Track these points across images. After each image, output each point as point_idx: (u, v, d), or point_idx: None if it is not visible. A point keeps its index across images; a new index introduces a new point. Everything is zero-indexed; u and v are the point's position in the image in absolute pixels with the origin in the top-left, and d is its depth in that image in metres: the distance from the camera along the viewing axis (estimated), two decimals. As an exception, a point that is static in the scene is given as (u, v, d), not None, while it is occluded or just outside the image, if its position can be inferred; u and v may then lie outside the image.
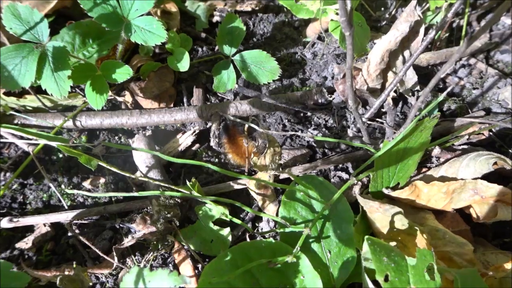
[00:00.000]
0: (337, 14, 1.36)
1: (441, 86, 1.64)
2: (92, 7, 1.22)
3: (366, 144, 1.22)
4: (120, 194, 1.14)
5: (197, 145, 1.42)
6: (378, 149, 1.21)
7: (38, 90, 1.33)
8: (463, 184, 1.01)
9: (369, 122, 1.31)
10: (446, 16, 1.18)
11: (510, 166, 1.00)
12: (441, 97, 0.99)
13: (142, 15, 1.24)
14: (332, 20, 1.45)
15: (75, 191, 1.11)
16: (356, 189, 1.13)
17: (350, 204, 1.11)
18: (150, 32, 1.24)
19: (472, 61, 1.73)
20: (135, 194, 1.08)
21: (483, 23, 1.94)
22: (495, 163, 1.02)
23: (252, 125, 1.16)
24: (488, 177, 1.04)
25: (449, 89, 1.21)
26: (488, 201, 1.01)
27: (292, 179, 1.21)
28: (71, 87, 1.20)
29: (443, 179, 1.09)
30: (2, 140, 1.35)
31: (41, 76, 1.16)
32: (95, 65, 1.29)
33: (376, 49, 1.38)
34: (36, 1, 1.52)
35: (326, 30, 1.83)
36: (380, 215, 1.00)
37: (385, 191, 1.10)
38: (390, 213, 0.98)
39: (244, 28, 1.54)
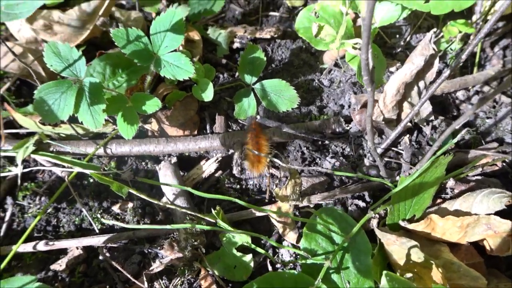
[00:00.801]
0: (354, 48, 1.42)
1: (455, 113, 1.69)
2: (125, 44, 1.31)
3: (382, 178, 1.28)
4: (152, 227, 1.22)
5: (219, 172, 1.49)
6: (394, 182, 1.27)
7: (71, 119, 1.41)
8: (477, 219, 1.06)
9: (386, 159, 1.36)
10: (460, 57, 1.24)
11: None
12: (455, 139, 1.04)
13: (171, 51, 1.33)
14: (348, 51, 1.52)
15: (110, 221, 1.19)
16: (374, 222, 1.18)
17: (367, 233, 1.16)
18: (178, 67, 1.32)
19: (486, 88, 1.77)
20: (167, 227, 1.15)
21: (496, 49, 1.98)
22: (508, 201, 1.07)
23: (275, 160, 1.23)
24: (501, 212, 1.08)
25: (463, 121, 1.25)
26: (501, 235, 1.05)
27: (312, 210, 1.28)
28: (102, 116, 1.28)
29: (457, 213, 1.14)
30: (40, 168, 1.44)
31: (78, 110, 1.24)
32: (126, 97, 1.37)
33: (392, 82, 1.44)
34: (70, 33, 1.61)
35: (343, 57, 1.90)
36: (397, 247, 1.05)
37: (402, 223, 1.15)
38: (407, 246, 1.04)
39: (265, 58, 1.61)
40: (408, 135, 1.44)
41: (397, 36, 1.98)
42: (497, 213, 1.08)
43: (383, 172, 1.26)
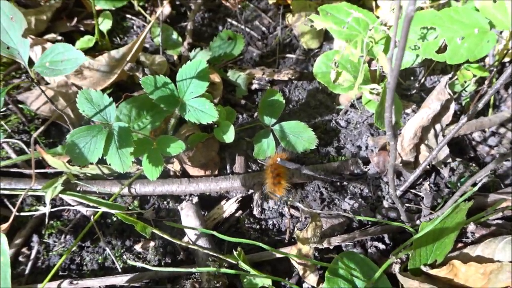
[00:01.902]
0: (371, 93, 1.47)
1: (472, 155, 1.71)
2: (153, 90, 1.38)
3: (402, 221, 1.29)
4: (175, 269, 1.24)
5: (240, 212, 1.52)
6: (414, 225, 1.28)
7: (98, 160, 1.47)
8: (500, 266, 1.06)
9: (405, 203, 1.38)
10: (477, 105, 1.28)
11: None
12: (473, 189, 1.06)
13: (196, 97, 1.39)
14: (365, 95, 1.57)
15: (133, 262, 1.21)
16: (396, 268, 1.19)
17: (388, 277, 1.16)
18: (202, 111, 1.38)
19: (502, 130, 1.79)
20: (192, 270, 1.17)
21: (510, 90, 2.02)
22: None
23: (297, 204, 1.26)
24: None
25: (484, 175, 1.27)
26: (525, 283, 1.05)
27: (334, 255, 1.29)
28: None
29: (480, 259, 1.14)
30: (66, 207, 1.49)
31: (107, 153, 1.30)
32: (151, 139, 1.43)
33: (409, 125, 1.48)
34: (99, 77, 1.71)
35: (359, 98, 1.96)
36: (420, 294, 1.05)
37: (424, 268, 1.15)
38: (430, 292, 1.04)
39: (284, 101, 1.67)
40: (428, 181, 1.45)
41: (412, 78, 2.03)
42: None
43: (404, 217, 1.28)
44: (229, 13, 2.34)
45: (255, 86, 2.01)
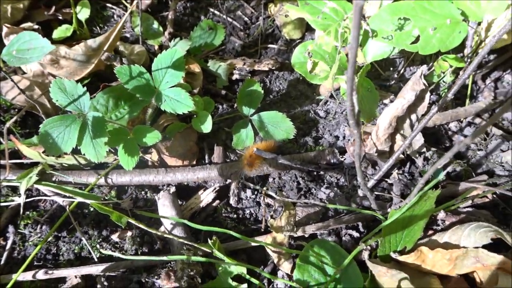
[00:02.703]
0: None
1: (447, 144, 1.74)
2: (128, 80, 1.37)
3: (374, 210, 1.32)
4: (148, 258, 1.25)
5: (217, 201, 1.53)
6: (385, 213, 1.30)
7: (74, 149, 1.46)
8: (465, 252, 1.08)
9: (379, 191, 1.40)
10: (447, 96, 1.30)
11: (507, 240, 1.08)
12: (441, 175, 1.09)
13: (171, 86, 1.39)
14: (342, 86, 1.58)
15: (108, 252, 1.22)
16: (365, 254, 1.21)
17: (359, 264, 1.19)
18: (178, 101, 1.38)
19: (478, 120, 1.82)
20: (164, 258, 1.18)
21: (488, 81, 2.05)
22: (493, 235, 1.10)
23: (269, 193, 1.27)
24: (490, 244, 1.11)
25: (450, 155, 1.30)
26: (490, 268, 1.08)
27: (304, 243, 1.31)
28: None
29: (447, 245, 1.17)
30: (42, 197, 1.48)
31: (81, 143, 1.30)
32: (127, 129, 1.43)
33: (384, 115, 1.49)
34: (76, 67, 1.69)
35: (338, 89, 1.97)
36: (388, 279, 1.08)
37: (393, 255, 1.18)
38: (397, 278, 1.06)
39: (262, 91, 1.68)
40: (397, 170, 1.48)
41: (391, 68, 2.05)
42: (486, 246, 1.11)
43: (374, 205, 1.30)
44: (212, 2, 2.32)
45: (235, 76, 2.01)
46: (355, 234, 1.40)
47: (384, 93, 1.90)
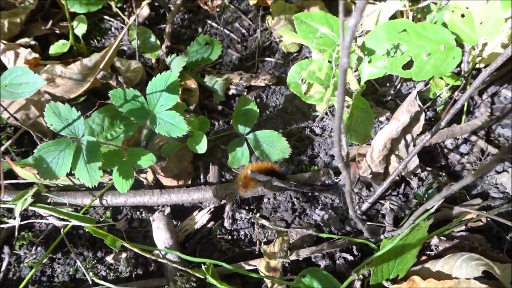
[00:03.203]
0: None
1: (443, 163, 1.74)
2: (123, 103, 1.37)
3: (367, 239, 1.32)
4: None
5: (212, 223, 1.54)
6: (379, 240, 1.30)
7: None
8: (457, 283, 1.09)
9: (374, 212, 1.41)
10: (439, 124, 1.30)
11: (496, 274, 1.08)
12: (435, 205, 1.09)
13: (166, 109, 1.39)
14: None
15: (100, 281, 1.22)
16: (358, 284, 1.21)
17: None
18: (172, 124, 1.38)
19: (473, 138, 1.82)
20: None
21: (484, 96, 2.04)
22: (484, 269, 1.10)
23: (262, 220, 1.28)
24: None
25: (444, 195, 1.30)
26: (482, 299, 1.08)
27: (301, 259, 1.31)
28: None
29: (439, 274, 1.17)
30: (36, 220, 1.48)
31: (75, 167, 1.30)
32: (122, 151, 1.43)
33: (379, 138, 1.49)
34: (71, 85, 1.69)
35: (334, 106, 1.97)
36: (380, 310, 1.08)
37: (385, 283, 1.18)
38: (389, 309, 1.07)
39: (257, 110, 1.68)
40: (389, 201, 1.48)
41: (388, 84, 2.04)
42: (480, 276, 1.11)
43: (366, 234, 1.30)
44: (209, 14, 2.32)
45: (232, 91, 2.01)
46: (349, 258, 1.40)
47: (380, 110, 1.90)
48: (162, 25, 2.26)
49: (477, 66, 2.06)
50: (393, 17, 1.96)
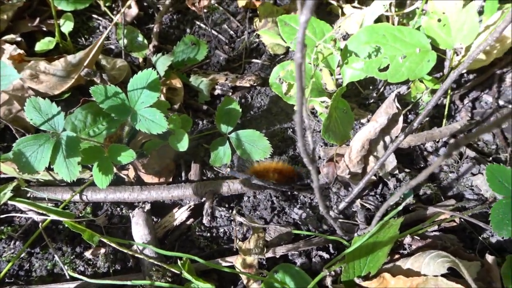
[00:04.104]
0: (321, 106, 1.51)
1: (422, 165, 1.77)
2: (104, 99, 1.39)
3: (339, 236, 1.34)
4: (113, 282, 1.26)
5: (191, 220, 1.55)
6: (351, 238, 1.33)
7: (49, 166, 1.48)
8: (425, 280, 1.11)
9: (341, 220, 1.43)
10: (413, 125, 1.33)
11: (461, 271, 1.10)
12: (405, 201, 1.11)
13: (147, 107, 1.41)
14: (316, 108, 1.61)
15: (76, 275, 1.23)
16: (328, 281, 1.23)
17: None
18: (153, 122, 1.40)
19: (453, 141, 1.85)
20: (128, 283, 1.20)
21: (466, 101, 2.08)
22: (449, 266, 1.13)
23: (238, 217, 1.29)
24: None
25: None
26: (450, 296, 1.10)
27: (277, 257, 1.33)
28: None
29: (409, 272, 1.19)
30: (16, 214, 1.49)
31: (54, 162, 1.31)
32: (102, 147, 1.44)
33: (357, 138, 1.52)
34: (55, 82, 1.70)
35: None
36: (350, 306, 1.10)
37: (357, 280, 1.20)
38: (358, 305, 1.09)
39: (240, 110, 1.70)
40: (359, 198, 1.50)
41: (371, 87, 2.08)
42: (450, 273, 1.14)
43: (339, 232, 1.32)
44: (198, 15, 2.34)
45: (218, 91, 2.03)
46: (325, 256, 1.42)
47: (362, 112, 1.93)
48: (151, 25, 2.27)
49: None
50: (379, 22, 2.00)
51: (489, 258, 1.26)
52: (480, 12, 1.61)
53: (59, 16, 2.00)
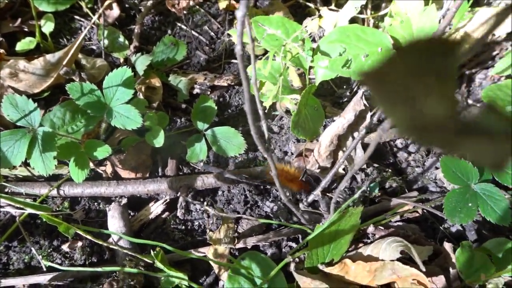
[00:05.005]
0: (291, 103, 1.58)
1: (391, 160, 1.84)
2: (80, 96, 1.44)
3: (304, 225, 1.41)
4: (84, 269, 1.32)
5: (166, 213, 1.60)
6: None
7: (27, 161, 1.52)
8: (383, 264, 1.18)
9: (304, 209, 1.49)
10: (372, 121, 1.39)
11: (412, 255, 1.17)
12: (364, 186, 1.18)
13: (122, 103, 1.46)
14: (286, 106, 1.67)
15: (49, 263, 1.28)
16: (292, 266, 1.29)
17: (290, 275, 1.28)
18: (128, 118, 1.45)
19: (421, 137, 1.93)
20: (99, 269, 1.24)
21: (436, 100, 2.16)
22: (402, 251, 1.20)
23: (208, 208, 1.35)
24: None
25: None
26: (406, 279, 1.17)
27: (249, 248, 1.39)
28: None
29: (369, 258, 1.26)
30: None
31: (30, 156, 1.35)
32: (79, 143, 1.49)
33: (326, 134, 1.59)
34: (35, 80, 1.74)
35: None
36: (312, 290, 1.16)
37: (320, 267, 1.27)
38: (319, 289, 1.15)
39: (215, 107, 1.76)
40: (320, 188, 1.57)
41: (345, 86, 2.15)
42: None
43: (303, 220, 1.39)
44: (179, 17, 2.40)
45: (196, 90, 2.08)
46: (295, 246, 1.48)
47: (335, 110, 2.00)
48: (132, 26, 2.32)
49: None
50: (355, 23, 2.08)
51: (447, 245, 1.33)
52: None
53: (41, 17, 2.04)
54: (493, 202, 1.23)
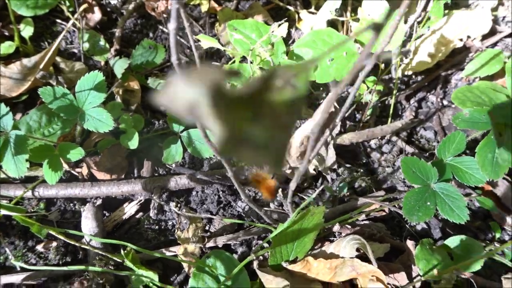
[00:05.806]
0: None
1: (364, 161, 1.88)
2: (52, 100, 1.47)
3: (269, 224, 1.45)
4: (52, 269, 1.35)
5: (140, 213, 1.64)
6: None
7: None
8: (343, 261, 1.22)
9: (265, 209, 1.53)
10: (336, 123, 1.43)
11: (367, 252, 1.21)
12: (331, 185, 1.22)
13: (94, 107, 1.49)
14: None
15: (19, 263, 1.31)
16: (255, 264, 1.33)
17: (252, 273, 1.32)
18: (100, 121, 1.48)
19: (394, 138, 1.97)
20: (64, 268, 1.28)
21: (412, 101, 2.21)
22: (358, 248, 1.24)
23: (173, 208, 1.39)
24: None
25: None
26: (366, 276, 1.21)
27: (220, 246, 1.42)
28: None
29: (331, 255, 1.30)
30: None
31: (2, 159, 1.39)
32: (53, 145, 1.52)
33: (296, 135, 1.63)
34: (12, 84, 1.77)
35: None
36: (273, 287, 1.20)
37: (284, 264, 1.30)
38: (281, 285, 1.18)
39: (190, 110, 1.79)
40: (280, 189, 1.61)
41: (321, 88, 2.19)
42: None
43: (266, 219, 1.43)
44: (161, 20, 2.43)
45: (175, 93, 2.12)
46: (265, 245, 1.52)
47: (311, 111, 2.04)
48: (114, 30, 2.36)
49: (406, 73, 2.24)
50: (335, 27, 2.12)
51: (409, 243, 1.37)
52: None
53: (20, 21, 2.07)
54: (451, 201, 1.27)
